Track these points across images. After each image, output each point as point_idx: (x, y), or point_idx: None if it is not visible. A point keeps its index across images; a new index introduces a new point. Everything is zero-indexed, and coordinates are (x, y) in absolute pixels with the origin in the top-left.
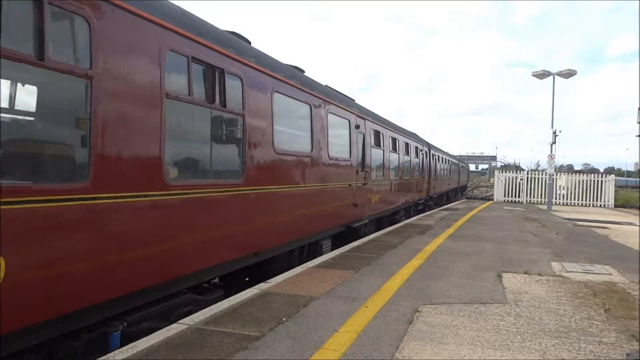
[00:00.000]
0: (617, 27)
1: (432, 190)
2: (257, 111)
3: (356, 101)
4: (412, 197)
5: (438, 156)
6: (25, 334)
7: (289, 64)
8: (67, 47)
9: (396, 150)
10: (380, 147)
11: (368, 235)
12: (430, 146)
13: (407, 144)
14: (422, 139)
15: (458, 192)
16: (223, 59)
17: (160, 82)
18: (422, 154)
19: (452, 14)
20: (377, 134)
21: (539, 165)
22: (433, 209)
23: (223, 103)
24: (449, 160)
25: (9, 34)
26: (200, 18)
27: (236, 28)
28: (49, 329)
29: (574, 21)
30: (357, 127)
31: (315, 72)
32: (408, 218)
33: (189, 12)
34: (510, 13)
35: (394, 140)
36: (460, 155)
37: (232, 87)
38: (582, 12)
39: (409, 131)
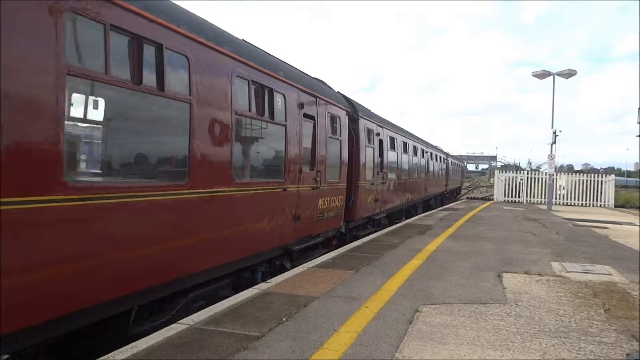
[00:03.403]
0: (625, 27)
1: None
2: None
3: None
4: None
5: (452, 161)
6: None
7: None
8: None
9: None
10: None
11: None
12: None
13: (438, 156)
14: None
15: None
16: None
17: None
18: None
19: (461, 14)
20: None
21: (530, 164)
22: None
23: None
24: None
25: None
26: None
27: (236, 28)
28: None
29: (581, 20)
30: (377, 134)
31: (315, 72)
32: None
33: None
34: (519, 13)
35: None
36: (460, 155)
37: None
38: (590, 11)
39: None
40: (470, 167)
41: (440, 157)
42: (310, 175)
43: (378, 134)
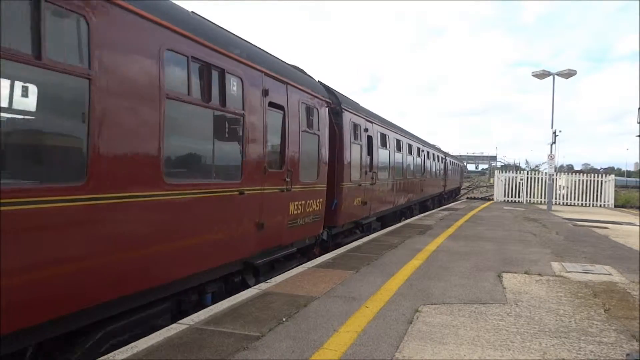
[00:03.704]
0: (625, 26)
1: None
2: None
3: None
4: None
5: (450, 161)
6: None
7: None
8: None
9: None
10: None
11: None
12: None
13: (435, 155)
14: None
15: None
16: None
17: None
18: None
19: (461, 14)
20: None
21: (528, 164)
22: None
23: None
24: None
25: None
26: None
27: (237, 28)
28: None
29: (581, 20)
30: (366, 130)
31: (317, 72)
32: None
33: None
34: (519, 13)
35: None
36: (460, 155)
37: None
38: (591, 11)
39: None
40: (470, 167)
41: (437, 156)
42: (278, 175)
43: (366, 130)
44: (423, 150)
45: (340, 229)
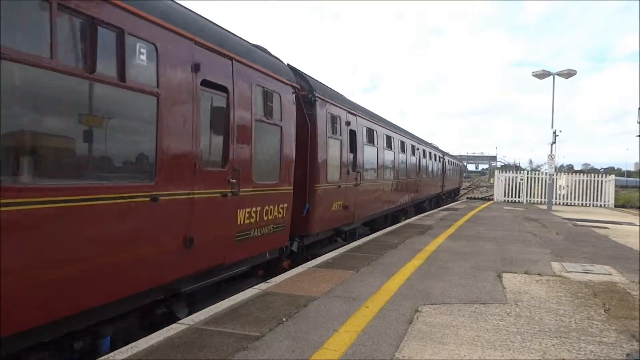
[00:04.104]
0: (626, 26)
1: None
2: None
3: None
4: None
5: (449, 160)
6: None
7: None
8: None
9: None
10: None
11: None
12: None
13: (433, 154)
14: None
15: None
16: None
17: None
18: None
19: (461, 14)
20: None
21: (531, 163)
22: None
23: None
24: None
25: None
26: None
27: (238, 28)
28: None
29: (582, 20)
30: (348, 123)
31: (316, 72)
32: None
33: None
34: (519, 12)
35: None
36: (460, 155)
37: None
38: (592, 11)
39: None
40: (470, 167)
41: (435, 155)
42: (218, 175)
43: (349, 123)
44: (418, 149)
45: (315, 238)
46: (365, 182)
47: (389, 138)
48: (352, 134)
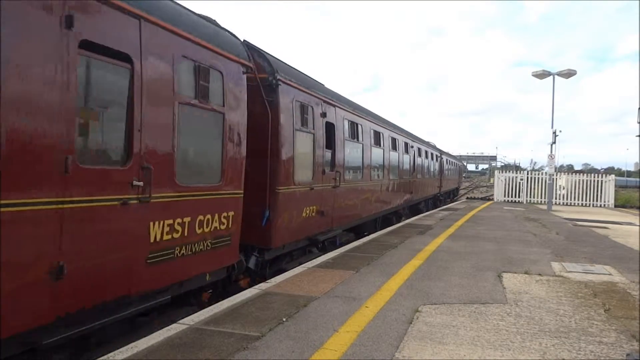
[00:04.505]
0: (626, 26)
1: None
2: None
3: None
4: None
5: (447, 159)
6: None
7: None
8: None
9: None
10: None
11: None
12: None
13: (429, 153)
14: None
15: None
16: None
17: None
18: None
19: (462, 14)
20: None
21: (534, 164)
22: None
23: None
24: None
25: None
26: None
27: (239, 28)
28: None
29: (583, 20)
30: (323, 114)
31: (316, 72)
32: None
33: None
34: (520, 12)
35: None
36: (460, 155)
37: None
38: (593, 11)
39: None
40: (470, 167)
41: (432, 154)
42: (115, 175)
43: (324, 115)
44: (412, 147)
45: (280, 251)
46: (347, 184)
47: (377, 134)
48: (330, 128)
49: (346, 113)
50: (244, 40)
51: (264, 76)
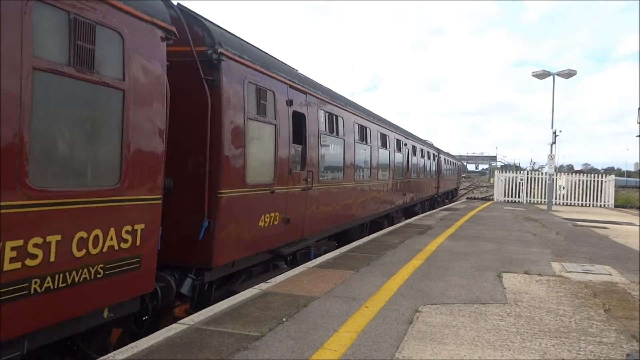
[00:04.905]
0: (627, 27)
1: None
2: None
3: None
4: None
5: (445, 159)
6: None
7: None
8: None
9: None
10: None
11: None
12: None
13: (425, 152)
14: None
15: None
16: None
17: None
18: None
19: (462, 14)
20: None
21: (533, 164)
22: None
23: None
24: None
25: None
26: None
27: (239, 27)
28: None
29: (584, 20)
30: (290, 102)
31: (317, 72)
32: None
33: None
34: (521, 12)
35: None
36: (460, 155)
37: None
38: (594, 10)
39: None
40: (470, 167)
41: (429, 152)
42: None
43: (291, 103)
44: (406, 144)
45: (227, 270)
46: (323, 185)
47: (363, 128)
48: (299, 118)
49: (322, 103)
50: (177, 3)
51: (201, 49)
